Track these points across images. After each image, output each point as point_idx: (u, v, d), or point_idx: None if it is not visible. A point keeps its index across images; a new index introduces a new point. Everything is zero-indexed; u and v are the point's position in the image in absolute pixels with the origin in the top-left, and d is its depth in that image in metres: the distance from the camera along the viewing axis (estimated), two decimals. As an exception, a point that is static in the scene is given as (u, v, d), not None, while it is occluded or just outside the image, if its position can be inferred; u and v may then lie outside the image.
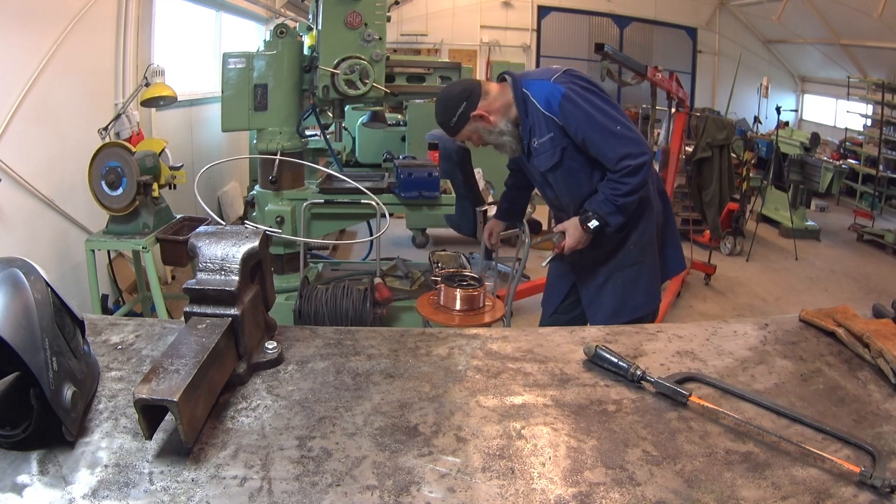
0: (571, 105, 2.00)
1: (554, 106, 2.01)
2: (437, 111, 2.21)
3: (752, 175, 6.87)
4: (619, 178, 2.00)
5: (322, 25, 2.79)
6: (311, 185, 3.20)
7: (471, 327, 1.71)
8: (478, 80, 2.24)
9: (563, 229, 2.14)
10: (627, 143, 1.99)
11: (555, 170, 2.12)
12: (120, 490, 0.78)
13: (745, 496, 0.81)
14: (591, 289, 2.30)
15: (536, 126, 2.08)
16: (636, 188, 2.01)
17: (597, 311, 2.29)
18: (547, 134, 2.05)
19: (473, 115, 2.12)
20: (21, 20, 3.03)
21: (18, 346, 0.78)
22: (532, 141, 2.11)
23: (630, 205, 2.05)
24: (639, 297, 2.24)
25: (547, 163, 2.11)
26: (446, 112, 2.16)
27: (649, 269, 2.25)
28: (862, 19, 7.98)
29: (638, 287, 2.24)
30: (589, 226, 2.05)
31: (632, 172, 1.98)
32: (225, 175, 5.95)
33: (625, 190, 2.00)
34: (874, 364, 1.15)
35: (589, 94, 2.04)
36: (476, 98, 2.12)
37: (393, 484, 0.81)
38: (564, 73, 2.09)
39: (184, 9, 5.33)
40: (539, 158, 2.12)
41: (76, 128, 3.47)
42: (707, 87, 11.74)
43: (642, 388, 1.06)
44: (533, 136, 2.10)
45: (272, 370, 1.08)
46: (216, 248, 1.05)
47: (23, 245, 3.10)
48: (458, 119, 2.14)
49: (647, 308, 2.26)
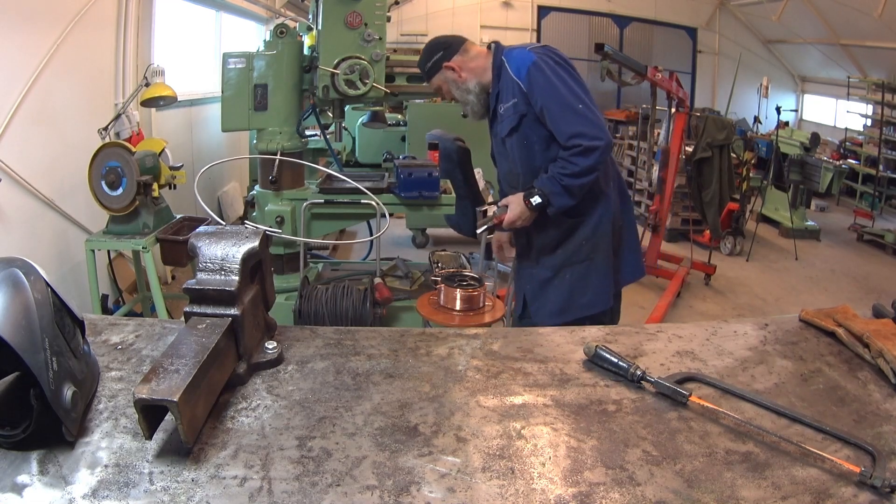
0: (538, 72, 2.00)
1: (522, 72, 2.03)
2: (420, 57, 2.36)
3: (752, 175, 6.87)
4: (569, 157, 1.97)
5: (322, 25, 2.79)
6: (311, 185, 3.20)
7: (471, 327, 1.71)
8: (464, 39, 2.32)
9: (507, 203, 2.13)
10: (584, 123, 1.96)
11: (511, 135, 2.13)
12: (120, 490, 0.78)
13: (745, 496, 0.81)
14: (536, 284, 2.26)
15: (504, 91, 2.11)
16: (585, 171, 1.96)
17: (541, 306, 2.23)
18: (511, 99, 2.08)
19: (446, 65, 2.22)
20: (21, 20, 3.03)
21: (18, 346, 0.78)
22: (499, 106, 2.14)
23: (576, 188, 2.00)
24: (587, 295, 2.18)
25: (506, 128, 2.13)
26: (424, 57, 2.31)
27: (600, 267, 2.19)
28: (862, 19, 7.97)
29: (587, 285, 2.18)
30: (532, 202, 2.03)
31: (582, 153, 1.94)
32: (225, 175, 5.95)
33: (572, 170, 1.96)
34: (874, 364, 1.15)
35: (559, 68, 2.04)
36: (452, 51, 2.23)
37: (393, 484, 0.81)
38: (543, 47, 2.12)
39: (184, 9, 5.33)
40: (501, 124, 2.15)
41: (76, 128, 3.47)
42: (707, 87, 11.74)
43: (642, 388, 1.06)
44: (500, 102, 2.13)
45: (272, 370, 1.08)
46: (216, 248, 1.05)
47: (23, 245, 3.10)
48: (432, 66, 2.26)
49: (594, 307, 2.18)
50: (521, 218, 2.07)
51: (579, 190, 2.02)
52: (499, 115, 2.15)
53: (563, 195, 2.01)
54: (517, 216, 2.07)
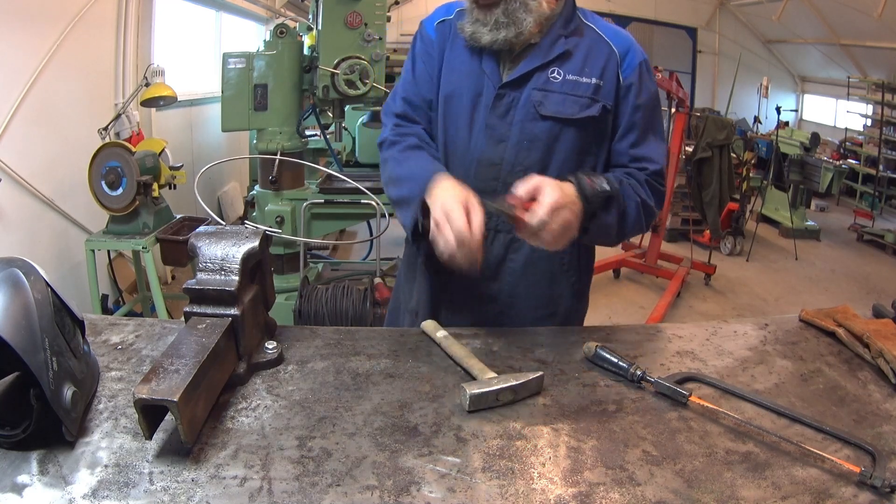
0: (650, 78, 1.42)
1: (634, 60, 1.38)
2: None
3: (752, 175, 6.88)
4: (656, 184, 1.40)
5: (322, 25, 2.79)
6: (311, 185, 3.20)
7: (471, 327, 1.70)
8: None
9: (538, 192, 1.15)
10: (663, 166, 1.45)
11: (566, 123, 1.35)
12: (120, 490, 0.78)
13: (745, 496, 0.81)
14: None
15: (581, 58, 1.36)
16: (651, 216, 1.39)
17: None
18: (592, 77, 1.35)
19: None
20: (21, 20, 3.03)
21: (18, 346, 0.78)
22: (551, 69, 1.35)
23: (639, 227, 1.39)
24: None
25: (572, 109, 1.35)
26: None
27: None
28: (862, 19, 7.97)
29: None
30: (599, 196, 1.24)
31: (661, 200, 1.41)
32: (225, 175, 5.95)
33: (656, 201, 1.39)
34: (874, 364, 1.15)
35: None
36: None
37: (393, 484, 0.81)
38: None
39: (184, 9, 5.33)
40: (554, 98, 1.35)
41: (76, 128, 3.47)
42: (707, 87, 11.73)
43: (642, 388, 1.06)
44: (557, 65, 1.36)
45: (272, 370, 1.08)
46: (216, 248, 1.05)
47: (23, 245, 3.10)
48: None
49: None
50: (570, 231, 1.18)
51: (634, 229, 1.39)
52: (545, 83, 1.35)
53: (628, 216, 1.33)
54: (568, 222, 1.17)
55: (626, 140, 1.40)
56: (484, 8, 1.33)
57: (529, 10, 1.32)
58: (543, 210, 1.12)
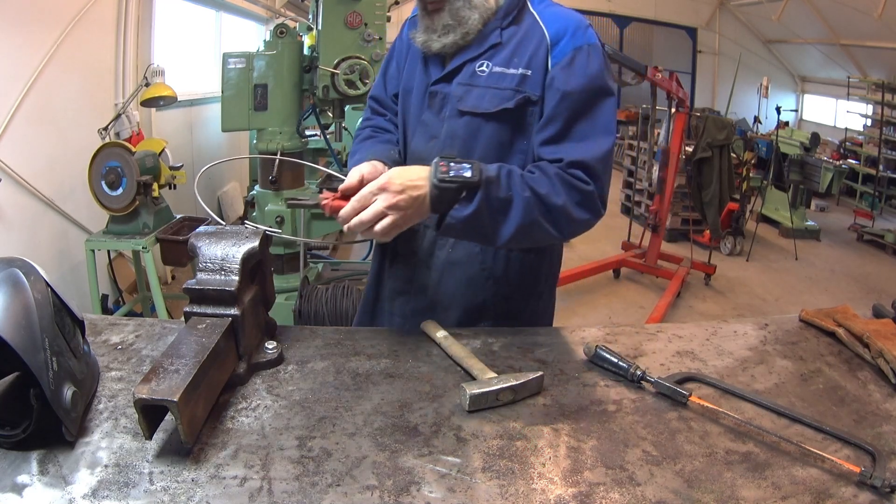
0: (589, 64, 1.24)
1: (564, 48, 1.25)
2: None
3: (752, 175, 6.87)
4: (573, 180, 1.20)
5: (322, 25, 2.79)
6: (311, 185, 3.20)
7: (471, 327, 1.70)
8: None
9: (384, 184, 1.10)
10: (602, 174, 1.23)
11: (484, 118, 1.29)
12: (120, 490, 0.78)
13: (745, 496, 0.81)
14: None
15: (512, 48, 1.29)
16: (563, 217, 1.18)
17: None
18: (520, 68, 1.27)
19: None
20: (21, 20, 3.03)
21: (18, 346, 0.78)
22: (479, 62, 1.30)
23: (541, 231, 1.18)
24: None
25: (490, 103, 1.27)
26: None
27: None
28: (862, 19, 7.98)
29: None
30: (448, 185, 1.10)
31: (586, 200, 1.20)
32: (225, 175, 5.95)
33: (573, 199, 1.18)
34: (874, 364, 1.15)
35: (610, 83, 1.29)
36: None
37: (393, 484, 0.81)
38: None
39: (184, 9, 5.33)
40: (475, 92, 1.29)
41: (76, 128, 3.47)
42: (707, 87, 11.74)
43: (642, 388, 1.06)
44: (486, 57, 1.30)
45: (272, 370, 1.08)
46: (216, 248, 1.05)
47: (23, 245, 3.10)
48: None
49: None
50: (401, 220, 1.11)
51: (540, 236, 1.20)
52: (472, 74, 1.30)
53: (515, 220, 1.15)
54: (379, 213, 1.09)
55: (544, 132, 1.26)
56: (433, 13, 1.30)
57: (474, 7, 1.29)
58: (354, 200, 1.10)
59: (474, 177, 1.11)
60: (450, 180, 1.11)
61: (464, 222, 1.13)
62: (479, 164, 1.13)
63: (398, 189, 1.10)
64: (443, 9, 1.29)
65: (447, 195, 1.11)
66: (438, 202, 1.12)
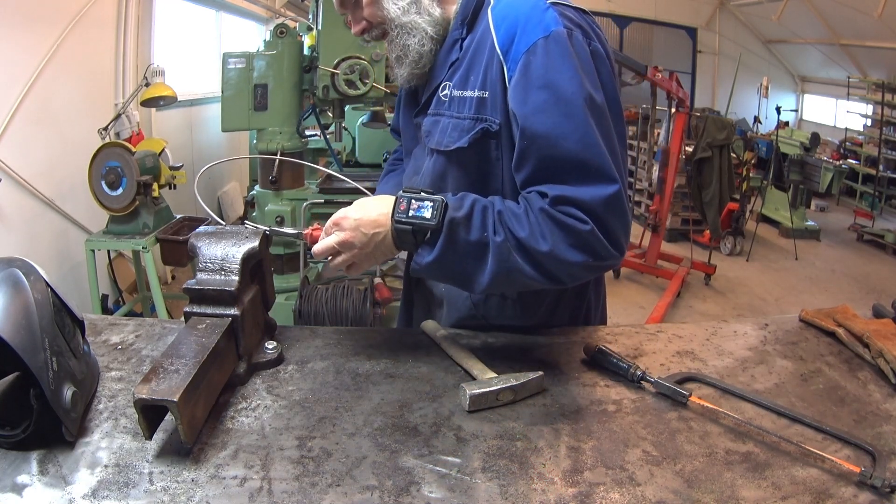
0: (551, 63, 0.98)
1: (516, 52, 1.01)
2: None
3: (752, 175, 6.87)
4: (563, 218, 0.97)
5: (322, 25, 2.79)
6: (311, 185, 3.20)
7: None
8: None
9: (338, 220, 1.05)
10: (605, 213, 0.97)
11: (455, 156, 1.12)
12: (120, 490, 0.78)
13: (745, 496, 0.81)
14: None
15: (467, 64, 1.09)
16: (554, 263, 0.98)
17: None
18: (478, 90, 1.06)
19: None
20: (21, 20, 3.03)
21: (18, 346, 0.78)
22: (443, 87, 1.12)
23: (527, 279, 1.00)
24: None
25: (451, 137, 1.10)
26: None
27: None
28: (862, 19, 7.97)
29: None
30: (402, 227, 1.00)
31: (581, 242, 0.97)
32: (225, 175, 5.95)
33: (566, 241, 0.97)
34: (874, 364, 1.15)
35: (597, 62, 1.02)
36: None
37: (393, 484, 0.81)
38: (576, 9, 1.06)
39: (184, 9, 5.33)
40: (442, 123, 1.12)
41: (76, 128, 3.47)
42: (707, 87, 11.73)
43: (642, 388, 1.06)
44: (448, 78, 1.12)
45: (272, 370, 1.08)
46: (216, 248, 1.05)
47: (23, 245, 3.10)
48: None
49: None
50: (356, 257, 1.05)
51: (524, 282, 1.02)
52: (436, 100, 1.14)
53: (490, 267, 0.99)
54: (352, 249, 1.03)
55: (519, 174, 1.03)
56: (387, 44, 1.14)
57: (412, 30, 1.09)
58: (324, 231, 1.06)
59: (432, 220, 0.97)
60: (405, 222, 0.99)
61: (426, 268, 1.01)
62: (447, 201, 0.98)
63: (351, 226, 1.02)
64: (386, 36, 1.13)
65: (405, 236, 1.01)
66: (400, 242, 1.02)
